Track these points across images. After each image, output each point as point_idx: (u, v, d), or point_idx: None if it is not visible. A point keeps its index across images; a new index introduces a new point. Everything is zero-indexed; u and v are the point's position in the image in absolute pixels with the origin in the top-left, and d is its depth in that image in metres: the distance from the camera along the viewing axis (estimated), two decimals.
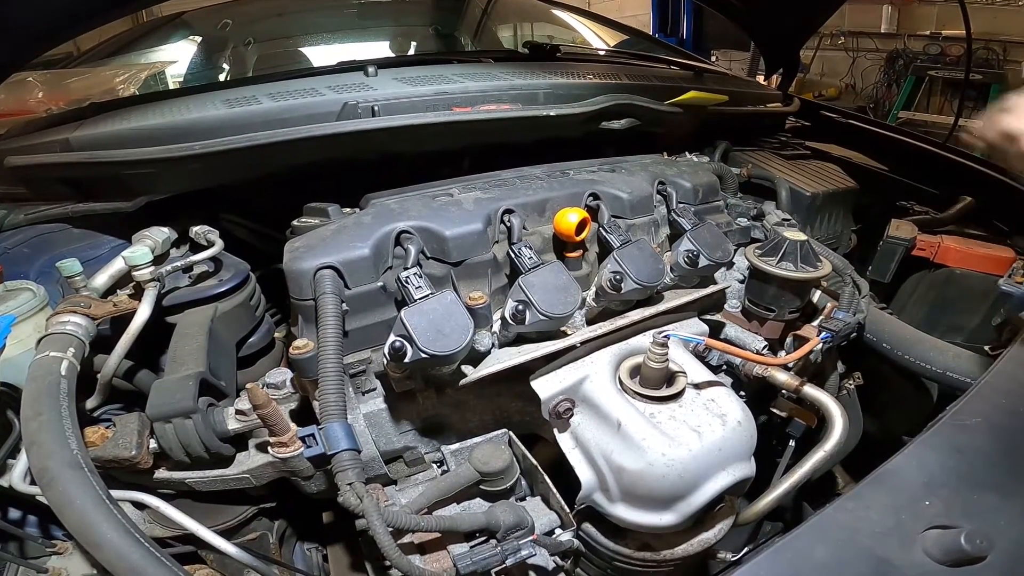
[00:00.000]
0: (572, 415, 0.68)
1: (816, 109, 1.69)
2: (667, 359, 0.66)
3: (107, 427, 0.63)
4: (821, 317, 0.89)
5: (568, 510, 0.66)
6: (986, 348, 0.88)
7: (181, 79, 1.87)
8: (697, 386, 0.70)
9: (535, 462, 0.68)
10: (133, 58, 1.83)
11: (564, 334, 0.72)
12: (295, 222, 0.81)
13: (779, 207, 1.13)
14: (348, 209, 0.82)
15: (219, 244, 0.80)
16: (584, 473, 0.67)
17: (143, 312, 0.67)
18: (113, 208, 0.90)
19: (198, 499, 0.71)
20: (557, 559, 0.69)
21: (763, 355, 0.84)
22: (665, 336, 0.66)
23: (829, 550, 0.51)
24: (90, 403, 0.70)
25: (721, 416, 0.65)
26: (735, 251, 0.93)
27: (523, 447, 0.70)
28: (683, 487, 0.62)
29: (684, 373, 0.69)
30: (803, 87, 5.10)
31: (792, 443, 0.87)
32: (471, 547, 0.61)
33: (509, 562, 0.59)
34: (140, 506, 0.64)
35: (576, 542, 0.70)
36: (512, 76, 1.06)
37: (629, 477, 0.62)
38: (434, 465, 0.75)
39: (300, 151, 0.85)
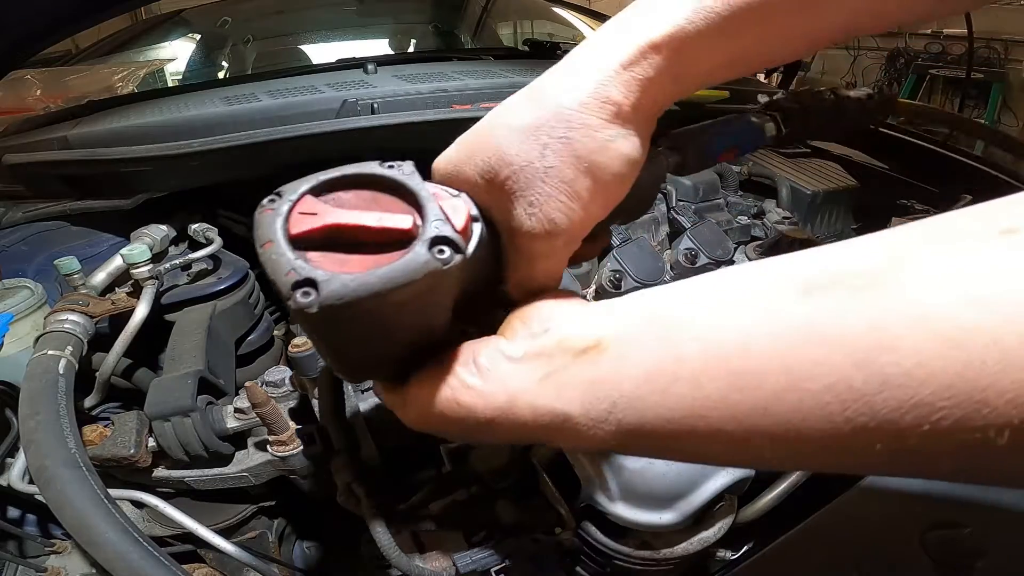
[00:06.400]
0: None
1: None
2: None
3: (105, 426, 0.63)
4: None
5: (568, 509, 0.66)
6: None
7: (180, 77, 1.87)
8: None
9: (535, 460, 0.68)
10: (132, 56, 1.83)
11: None
12: None
13: (780, 205, 1.12)
14: None
15: (218, 242, 0.79)
16: (584, 471, 0.66)
17: (141, 310, 0.67)
18: (111, 206, 0.90)
19: (197, 498, 0.71)
20: (557, 558, 0.69)
21: None
22: None
23: (829, 550, 0.50)
24: (88, 401, 0.70)
25: None
26: (735, 249, 0.93)
27: (523, 445, 0.69)
28: (683, 485, 0.62)
29: None
30: (804, 85, 5.09)
31: None
32: (470, 546, 0.61)
33: (509, 561, 0.59)
34: (139, 505, 0.64)
35: (576, 541, 0.70)
36: (512, 74, 1.05)
37: (629, 475, 0.62)
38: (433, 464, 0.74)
39: (300, 148, 0.85)
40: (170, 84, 1.87)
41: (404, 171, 0.29)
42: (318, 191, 0.28)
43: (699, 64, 0.34)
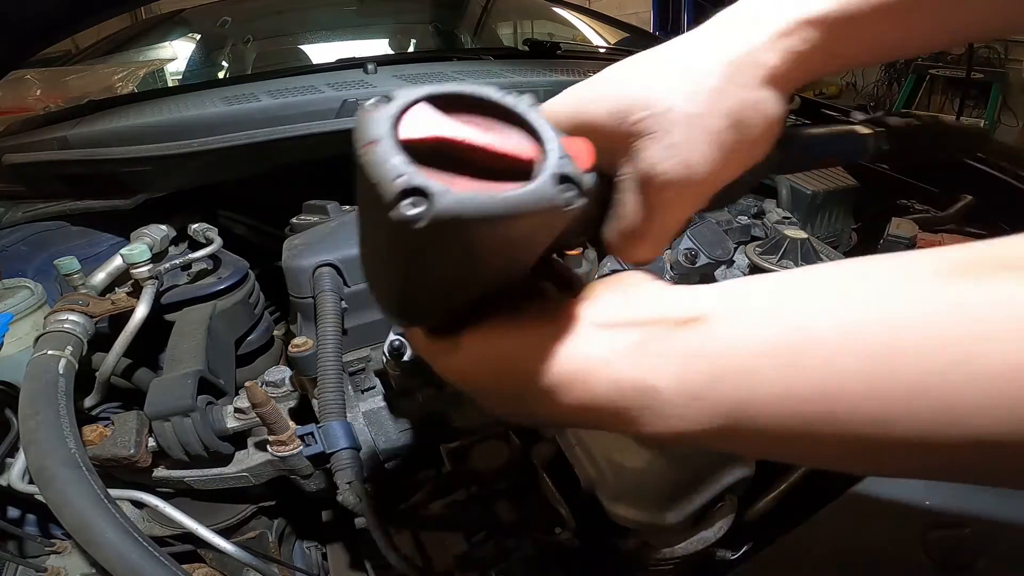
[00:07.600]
0: None
1: (817, 107, 1.68)
2: None
3: (105, 426, 0.63)
4: None
5: (568, 509, 0.66)
6: None
7: (180, 77, 1.87)
8: None
9: (535, 460, 0.68)
10: (132, 56, 1.83)
11: None
12: (294, 219, 0.80)
13: (779, 205, 1.12)
14: (348, 206, 0.82)
15: (218, 242, 0.79)
16: (584, 471, 0.66)
17: (141, 310, 0.67)
18: (111, 206, 0.90)
19: (197, 498, 0.71)
20: (557, 558, 0.69)
21: None
22: None
23: (829, 550, 0.50)
24: (88, 401, 0.70)
25: None
26: (735, 249, 0.93)
27: (523, 445, 0.69)
28: (683, 485, 0.61)
29: None
30: (803, 85, 5.09)
31: None
32: (470, 546, 0.61)
33: (509, 561, 0.59)
34: (139, 505, 0.64)
35: (576, 540, 0.70)
36: (512, 74, 1.05)
37: (629, 475, 0.62)
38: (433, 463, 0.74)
39: (300, 148, 0.85)
40: (170, 84, 1.87)
41: (525, 102, 0.26)
42: (431, 103, 0.24)
43: (853, 45, 0.33)
